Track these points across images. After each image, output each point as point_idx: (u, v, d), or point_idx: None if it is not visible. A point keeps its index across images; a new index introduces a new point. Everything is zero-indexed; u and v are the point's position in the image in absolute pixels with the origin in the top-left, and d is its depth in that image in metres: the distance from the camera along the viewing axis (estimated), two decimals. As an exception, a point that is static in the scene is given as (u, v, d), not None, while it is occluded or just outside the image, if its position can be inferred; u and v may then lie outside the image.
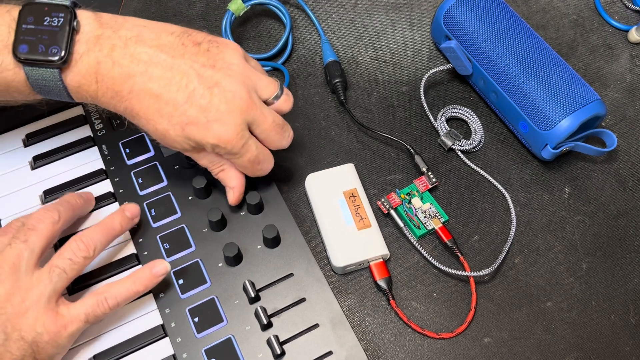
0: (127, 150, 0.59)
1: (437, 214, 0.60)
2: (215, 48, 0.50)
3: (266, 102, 0.53)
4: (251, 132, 0.51)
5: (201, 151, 0.52)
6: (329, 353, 0.50)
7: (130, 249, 0.55)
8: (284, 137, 0.54)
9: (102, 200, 0.57)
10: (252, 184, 0.57)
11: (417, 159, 0.63)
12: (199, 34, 0.51)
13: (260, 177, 0.57)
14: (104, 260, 0.54)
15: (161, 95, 0.48)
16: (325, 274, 0.55)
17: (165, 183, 0.58)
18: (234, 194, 0.55)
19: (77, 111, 0.62)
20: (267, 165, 0.54)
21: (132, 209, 0.54)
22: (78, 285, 0.53)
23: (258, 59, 0.70)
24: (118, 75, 0.48)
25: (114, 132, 0.60)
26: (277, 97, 0.53)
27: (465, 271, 0.57)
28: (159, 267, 0.51)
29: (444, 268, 0.58)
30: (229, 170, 0.54)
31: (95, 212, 0.56)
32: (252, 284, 0.52)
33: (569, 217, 0.62)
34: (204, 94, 0.48)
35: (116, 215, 0.53)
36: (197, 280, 0.53)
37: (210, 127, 0.49)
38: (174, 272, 0.53)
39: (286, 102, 0.54)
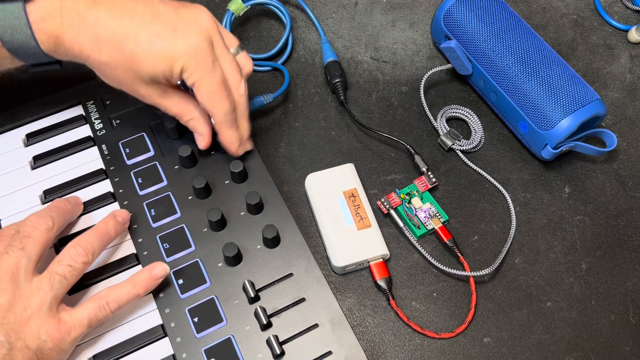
0: (127, 150, 0.59)
1: (437, 214, 0.60)
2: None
3: None
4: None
5: (170, 89, 0.52)
6: (329, 353, 0.50)
7: (130, 249, 0.55)
8: (221, 100, 0.53)
9: (102, 200, 0.57)
10: (251, 183, 0.57)
11: (417, 158, 0.63)
12: None
13: (260, 177, 0.57)
14: (103, 260, 0.54)
15: (125, 16, 0.49)
16: (325, 274, 0.55)
17: (165, 183, 0.58)
18: (204, 139, 0.56)
19: (77, 111, 0.62)
20: (228, 94, 0.53)
21: (122, 215, 0.54)
22: (78, 285, 0.52)
23: (258, 59, 0.70)
24: (82, 5, 0.49)
25: (114, 132, 0.60)
26: (238, 51, 0.55)
27: (465, 271, 0.57)
28: (158, 270, 0.51)
29: (444, 268, 0.58)
30: (199, 117, 0.55)
31: (95, 212, 0.56)
32: (252, 284, 0.52)
33: (569, 217, 0.62)
34: (170, 12, 0.50)
35: (109, 220, 0.53)
36: (196, 280, 0.53)
37: (178, 38, 0.49)
38: (173, 272, 0.53)
39: (246, 59, 0.56)
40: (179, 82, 0.53)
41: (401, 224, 0.60)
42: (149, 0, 0.50)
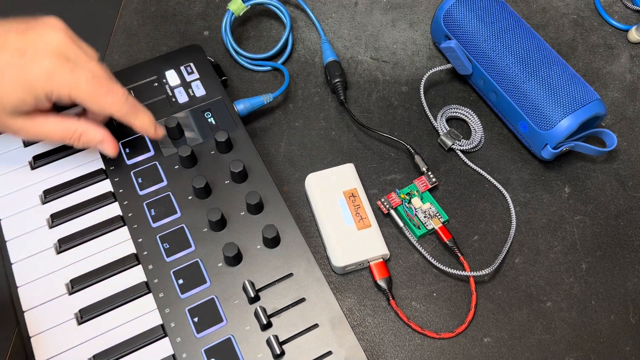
0: (127, 150, 0.59)
1: (437, 214, 0.60)
2: (33, 18, 0.50)
3: None
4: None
5: (42, 115, 0.51)
6: (329, 353, 0.50)
7: (130, 249, 0.55)
8: (108, 92, 0.51)
9: (102, 200, 0.57)
10: (251, 183, 0.57)
11: (417, 158, 0.63)
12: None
13: (260, 177, 0.57)
14: (103, 260, 0.54)
15: None
16: (325, 274, 0.55)
17: (165, 183, 0.58)
18: (108, 144, 0.55)
19: (77, 111, 0.62)
20: (115, 86, 0.52)
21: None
22: (78, 285, 0.53)
23: (258, 59, 0.70)
24: None
25: (114, 132, 0.60)
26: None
27: (465, 271, 0.57)
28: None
29: (444, 268, 0.58)
30: (88, 129, 0.53)
31: (95, 212, 0.56)
32: (252, 284, 0.52)
33: (569, 217, 0.62)
34: (17, 38, 0.48)
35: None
36: (196, 280, 0.53)
37: (27, 61, 0.48)
38: (173, 272, 0.53)
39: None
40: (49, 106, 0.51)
41: (401, 224, 0.60)
42: (1, 30, 0.48)
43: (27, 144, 0.60)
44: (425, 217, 0.60)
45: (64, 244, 0.54)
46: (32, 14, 0.52)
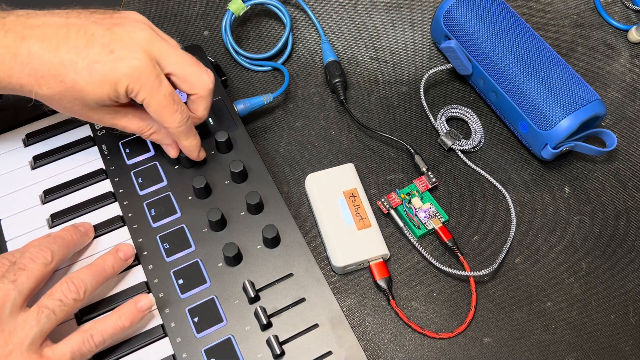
0: (127, 150, 0.59)
1: (437, 214, 0.60)
2: (112, 11, 0.51)
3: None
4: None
5: (121, 108, 0.51)
6: (329, 353, 0.50)
7: (130, 249, 0.55)
8: (176, 111, 0.51)
9: (102, 200, 0.57)
10: (251, 183, 0.57)
11: (417, 158, 0.63)
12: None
13: (260, 177, 0.57)
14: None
15: (61, 45, 0.47)
16: (325, 274, 0.55)
17: (165, 183, 0.58)
18: (173, 148, 0.56)
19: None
20: (184, 107, 0.52)
21: (126, 250, 0.53)
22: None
23: (258, 59, 0.70)
24: (12, 41, 0.47)
25: (114, 131, 0.60)
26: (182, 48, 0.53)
27: (465, 271, 0.57)
28: (144, 302, 0.49)
29: (444, 268, 0.58)
30: (160, 129, 0.54)
31: (95, 212, 0.56)
32: (252, 284, 0.52)
33: (569, 217, 0.62)
34: (104, 34, 0.48)
35: (109, 256, 0.51)
36: (196, 280, 0.53)
37: (117, 59, 0.48)
38: (173, 272, 0.53)
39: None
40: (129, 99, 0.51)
41: (401, 224, 0.60)
42: (81, 23, 0.48)
43: (27, 144, 0.60)
44: (425, 217, 0.60)
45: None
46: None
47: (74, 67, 0.47)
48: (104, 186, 0.58)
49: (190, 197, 0.57)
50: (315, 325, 0.51)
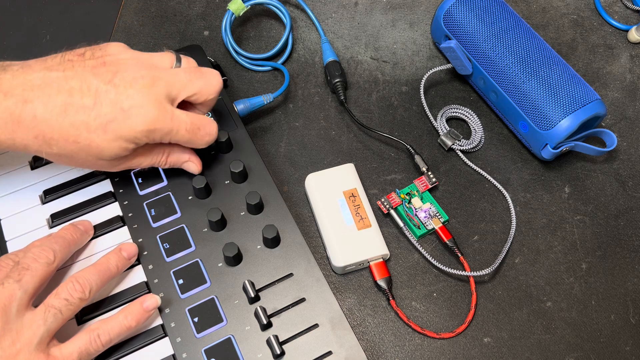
0: (127, 150, 0.59)
1: (437, 214, 0.60)
2: (99, 50, 0.50)
3: None
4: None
5: (138, 153, 0.51)
6: (329, 353, 0.50)
7: (130, 249, 0.55)
8: (204, 136, 0.52)
9: (102, 200, 0.57)
10: (251, 183, 0.57)
11: (417, 158, 0.63)
12: (79, 47, 0.50)
13: (260, 177, 0.57)
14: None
15: (68, 106, 0.46)
16: (325, 274, 0.55)
17: (165, 183, 0.58)
18: (194, 163, 0.56)
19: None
20: (209, 127, 0.53)
21: (129, 250, 0.53)
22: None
23: (258, 59, 0.70)
24: (13, 105, 0.46)
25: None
26: (178, 62, 0.52)
27: (465, 271, 0.57)
28: (150, 302, 0.50)
29: (444, 268, 0.58)
30: (173, 150, 0.54)
31: (95, 212, 0.56)
32: (252, 284, 0.52)
33: (569, 217, 0.62)
34: (108, 89, 0.47)
35: (112, 256, 0.52)
36: (196, 280, 0.53)
37: (130, 116, 0.47)
38: (173, 272, 0.53)
39: (189, 61, 0.54)
40: None
41: (401, 224, 0.60)
42: (80, 77, 0.47)
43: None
44: (425, 217, 0.60)
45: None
46: (33, 13, 0.52)
47: (87, 127, 0.47)
48: (104, 186, 0.58)
49: (190, 197, 0.57)
50: (315, 325, 0.51)
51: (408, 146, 0.64)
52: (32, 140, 0.47)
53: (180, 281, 0.53)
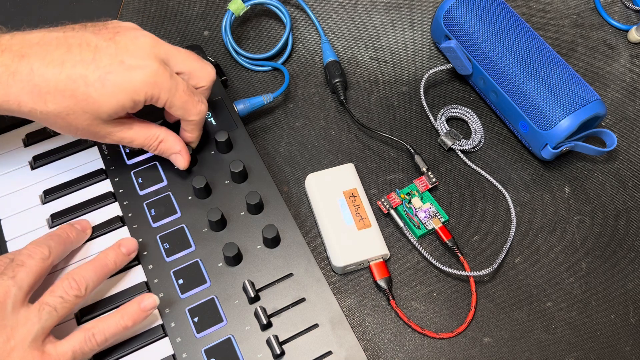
0: (127, 150, 0.59)
1: (437, 214, 0.60)
2: (102, 22, 0.50)
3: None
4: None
5: (128, 120, 0.51)
6: (329, 353, 0.50)
7: (130, 249, 0.55)
8: (199, 102, 0.52)
9: (102, 200, 0.57)
10: (251, 183, 0.57)
11: (417, 158, 0.63)
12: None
13: (260, 177, 0.57)
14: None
15: (66, 61, 0.46)
16: (325, 274, 0.55)
17: (165, 183, 0.58)
18: (182, 157, 0.55)
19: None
20: (202, 97, 0.53)
21: (128, 245, 0.52)
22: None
23: (258, 59, 0.70)
24: (9, 59, 0.46)
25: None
26: None
27: (465, 271, 0.57)
28: (148, 302, 0.49)
29: (444, 268, 0.58)
30: (168, 137, 0.54)
31: (95, 212, 0.56)
32: (252, 284, 0.52)
33: (569, 217, 0.62)
34: (109, 45, 0.47)
35: (110, 252, 0.51)
36: (196, 280, 0.53)
37: (129, 68, 0.47)
38: (173, 272, 0.53)
39: (190, 52, 0.54)
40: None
41: (401, 224, 0.60)
42: (81, 37, 0.47)
43: (27, 144, 0.60)
44: (425, 217, 0.60)
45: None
46: (33, 14, 0.52)
47: (85, 80, 0.46)
48: (104, 186, 0.58)
49: (190, 197, 0.57)
50: (315, 325, 0.51)
51: (408, 146, 0.64)
52: (26, 95, 0.46)
53: (180, 281, 0.53)
